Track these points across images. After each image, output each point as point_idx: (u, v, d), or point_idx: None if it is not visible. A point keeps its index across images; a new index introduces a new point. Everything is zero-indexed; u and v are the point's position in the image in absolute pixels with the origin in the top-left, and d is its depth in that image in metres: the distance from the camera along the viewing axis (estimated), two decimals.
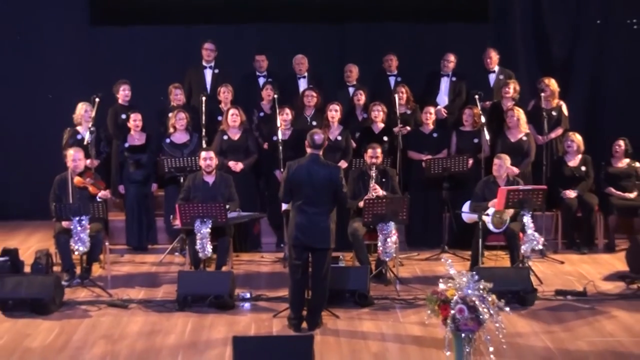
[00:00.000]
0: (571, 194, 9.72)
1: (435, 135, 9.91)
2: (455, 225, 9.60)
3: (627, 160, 9.91)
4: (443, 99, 10.49)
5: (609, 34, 11.34)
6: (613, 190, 9.80)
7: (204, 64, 10.47)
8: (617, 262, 9.17)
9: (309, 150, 7.13)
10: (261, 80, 10.50)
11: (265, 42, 10.93)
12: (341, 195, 7.07)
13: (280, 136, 9.41)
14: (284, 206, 7.80)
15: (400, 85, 10.08)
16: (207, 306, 7.68)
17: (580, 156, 9.86)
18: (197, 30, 10.90)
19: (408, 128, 9.93)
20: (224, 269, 8.53)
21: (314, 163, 7.06)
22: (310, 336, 6.05)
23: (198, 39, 10.52)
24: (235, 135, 9.59)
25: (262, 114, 10.14)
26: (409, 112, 10.07)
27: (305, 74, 10.51)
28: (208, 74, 10.44)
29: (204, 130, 9.65)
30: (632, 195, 9.73)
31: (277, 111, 9.61)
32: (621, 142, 9.90)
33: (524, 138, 9.79)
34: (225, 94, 9.94)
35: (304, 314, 7.15)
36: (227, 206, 8.48)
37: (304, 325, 7.14)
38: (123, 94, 10.04)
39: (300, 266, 7.08)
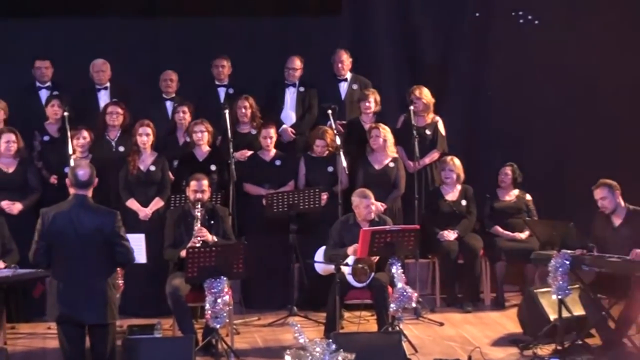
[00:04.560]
0: (450, 235, 9.94)
1: (278, 162, 10.00)
2: (307, 279, 9.71)
3: (516, 192, 10.27)
4: (289, 115, 10.65)
5: (491, 29, 11.72)
6: (500, 229, 10.12)
7: None
8: (508, 321, 9.45)
9: (72, 190, 7.00)
10: (44, 94, 10.40)
11: (49, 43, 10.82)
12: (122, 249, 6.95)
13: None
14: None
15: (243, 97, 10.22)
16: None
17: (459, 187, 10.13)
18: None
19: (249, 153, 10.09)
20: None
21: (79, 208, 6.90)
22: None
23: None
24: (10, 166, 9.52)
25: (47, 137, 10.07)
26: (254, 131, 10.19)
27: (107, 85, 10.50)
28: None
29: None
30: (523, 235, 10.04)
31: (69, 134, 9.57)
32: (508, 170, 10.24)
33: (391, 164, 10.03)
34: None
35: None
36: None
37: None
38: None
39: (75, 350, 6.95)
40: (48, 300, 7.14)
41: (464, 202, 10.09)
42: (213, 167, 9.74)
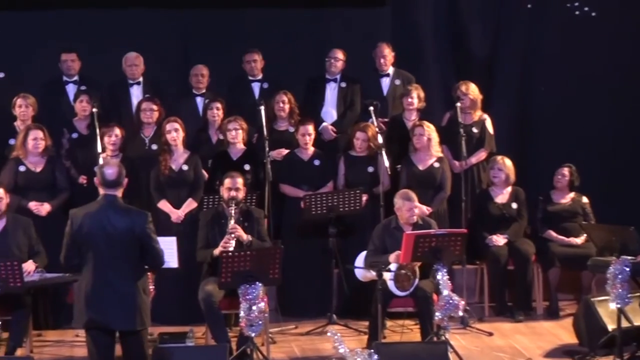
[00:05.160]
0: (499, 240, 9.88)
1: (316, 162, 9.98)
2: (347, 286, 9.64)
3: (571, 195, 10.17)
4: (330, 112, 10.64)
5: (543, 21, 11.65)
6: (554, 234, 10.04)
7: None
8: (563, 331, 9.39)
9: (101, 190, 7.06)
10: (71, 88, 10.43)
11: (75, 33, 10.86)
12: (152, 251, 7.00)
13: None
14: None
15: (282, 92, 10.21)
16: None
17: (510, 189, 10.06)
18: None
19: (285, 152, 10.07)
20: (19, 353, 8.37)
21: (109, 209, 6.95)
22: None
23: None
24: (37, 165, 9.51)
25: (75, 135, 10.07)
26: (291, 129, 10.16)
27: (140, 79, 10.54)
28: None
29: None
30: (579, 240, 9.96)
31: (98, 131, 9.57)
32: (565, 171, 10.13)
33: (436, 165, 9.97)
34: (22, 108, 9.85)
35: None
36: (30, 265, 8.39)
37: None
38: None
39: (104, 358, 6.97)
40: (75, 306, 7.11)
41: (514, 205, 10.02)
42: (247, 167, 9.73)
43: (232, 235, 8.59)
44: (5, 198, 8.65)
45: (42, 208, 9.36)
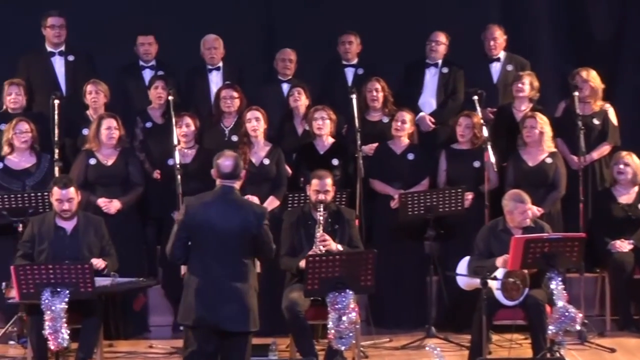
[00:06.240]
0: (624, 245, 9.66)
1: (410, 156, 9.79)
2: (447, 295, 9.54)
3: None
4: (428, 101, 10.51)
5: None
6: None
7: (50, 48, 10.36)
8: None
9: (218, 181, 7.15)
10: (148, 74, 10.45)
11: (150, 15, 10.93)
12: (265, 248, 7.08)
13: (178, 159, 9.28)
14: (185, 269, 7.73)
15: (374, 79, 10.09)
16: None
17: (637, 188, 9.86)
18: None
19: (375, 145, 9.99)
20: None
21: (225, 200, 7.02)
22: None
23: (37, 13, 10.39)
24: (110, 158, 9.51)
25: (149, 124, 10.07)
26: (385, 119, 10.01)
27: (220, 64, 10.53)
28: (58, 64, 10.33)
29: (57, 149, 9.44)
30: None
31: (174, 121, 9.52)
32: None
33: (549, 160, 9.80)
34: (93, 94, 9.86)
35: None
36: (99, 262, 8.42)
37: None
38: None
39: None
40: (182, 302, 7.14)
41: None
42: (335, 162, 9.62)
43: (321, 247, 8.40)
44: (77, 197, 8.60)
45: (111, 205, 9.31)
